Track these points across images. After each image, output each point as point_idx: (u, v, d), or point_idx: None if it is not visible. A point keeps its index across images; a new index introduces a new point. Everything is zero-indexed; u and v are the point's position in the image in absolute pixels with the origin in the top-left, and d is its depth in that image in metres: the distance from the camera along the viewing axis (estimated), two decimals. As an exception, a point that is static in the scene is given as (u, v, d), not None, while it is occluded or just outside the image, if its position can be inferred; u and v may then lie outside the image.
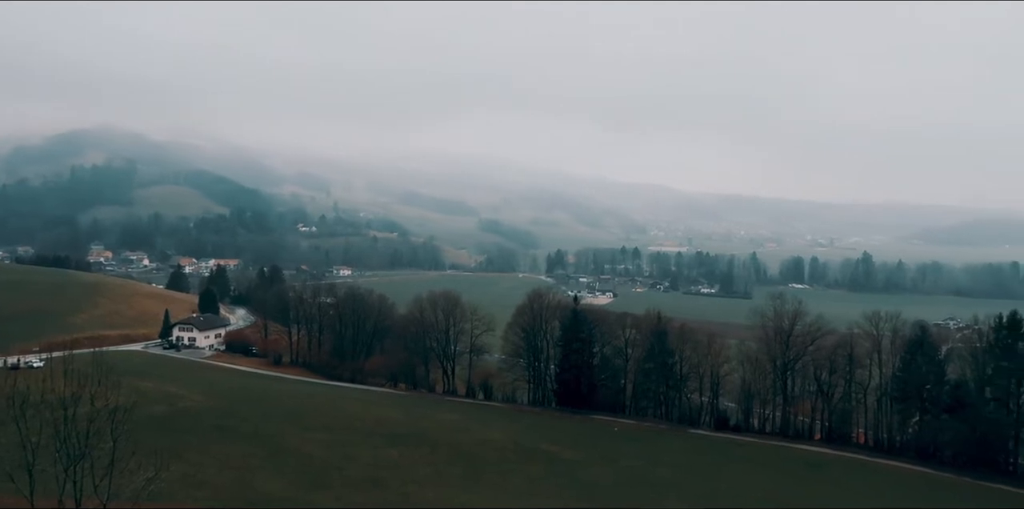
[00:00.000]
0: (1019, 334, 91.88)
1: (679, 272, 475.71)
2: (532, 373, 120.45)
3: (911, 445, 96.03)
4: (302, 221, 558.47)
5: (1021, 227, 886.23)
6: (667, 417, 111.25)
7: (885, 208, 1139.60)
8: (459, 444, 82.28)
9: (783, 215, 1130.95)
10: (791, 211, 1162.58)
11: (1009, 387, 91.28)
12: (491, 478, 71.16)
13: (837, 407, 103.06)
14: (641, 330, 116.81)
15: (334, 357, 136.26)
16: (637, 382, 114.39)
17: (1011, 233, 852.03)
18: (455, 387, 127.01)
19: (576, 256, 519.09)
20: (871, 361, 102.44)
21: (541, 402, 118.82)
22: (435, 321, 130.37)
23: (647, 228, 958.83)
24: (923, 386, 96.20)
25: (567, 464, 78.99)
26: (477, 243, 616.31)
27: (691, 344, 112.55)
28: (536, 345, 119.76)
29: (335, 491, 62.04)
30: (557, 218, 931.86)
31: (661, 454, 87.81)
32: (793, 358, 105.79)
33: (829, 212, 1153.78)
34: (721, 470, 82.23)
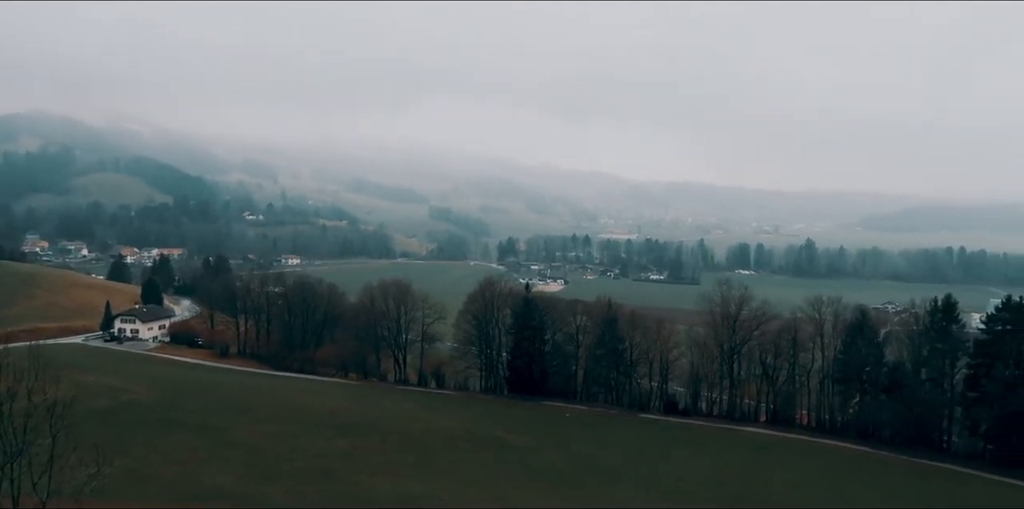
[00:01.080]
0: (953, 317, 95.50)
1: (629, 259, 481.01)
2: (484, 361, 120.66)
3: (852, 425, 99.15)
4: (249, 209, 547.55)
5: (955, 214, 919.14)
6: (618, 402, 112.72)
7: (828, 196, 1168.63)
8: (411, 433, 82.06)
9: (730, 203, 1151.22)
10: (738, 199, 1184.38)
11: (943, 368, 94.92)
12: (443, 466, 71.18)
13: (781, 390, 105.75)
14: (592, 317, 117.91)
15: (283, 347, 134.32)
16: (588, 368, 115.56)
17: (946, 220, 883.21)
18: (407, 376, 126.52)
19: (527, 244, 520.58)
20: (814, 344, 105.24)
21: (493, 389, 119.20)
22: (386, 310, 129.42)
23: (597, 216, 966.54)
24: (863, 368, 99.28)
25: (519, 450, 79.49)
26: (428, 231, 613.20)
27: (641, 330, 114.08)
28: (488, 333, 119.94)
29: (285, 483, 61.28)
30: (508, 206, 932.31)
31: (612, 439, 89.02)
32: (739, 343, 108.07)
33: (775, 200, 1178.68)
34: (670, 453, 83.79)
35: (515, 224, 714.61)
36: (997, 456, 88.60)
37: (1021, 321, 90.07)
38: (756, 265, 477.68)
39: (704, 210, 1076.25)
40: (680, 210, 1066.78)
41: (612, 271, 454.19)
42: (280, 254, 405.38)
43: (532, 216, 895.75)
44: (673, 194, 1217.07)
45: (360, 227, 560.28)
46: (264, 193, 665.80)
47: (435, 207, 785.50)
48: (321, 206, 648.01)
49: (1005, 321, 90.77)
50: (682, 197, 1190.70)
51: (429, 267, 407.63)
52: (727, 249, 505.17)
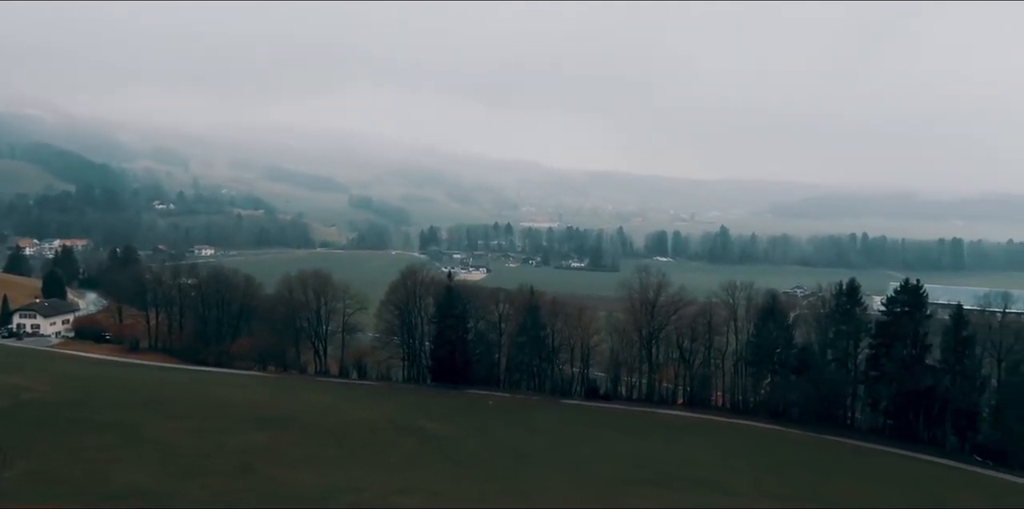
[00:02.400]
0: (856, 300, 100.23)
1: (550, 247, 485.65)
2: (407, 350, 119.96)
3: (763, 405, 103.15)
4: (159, 198, 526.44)
5: (859, 202, 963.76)
6: (540, 389, 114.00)
7: (741, 184, 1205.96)
8: (332, 425, 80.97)
9: (648, 191, 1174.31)
10: (656, 187, 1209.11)
11: (848, 349, 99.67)
12: (366, 457, 70.55)
13: (698, 373, 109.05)
14: (514, 305, 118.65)
15: (197, 341, 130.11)
16: (511, 355, 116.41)
17: (850, 207, 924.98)
18: (327, 367, 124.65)
19: (449, 232, 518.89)
20: (728, 328, 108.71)
21: (416, 379, 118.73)
22: (305, 300, 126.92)
23: (519, 204, 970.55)
24: (774, 350, 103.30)
25: (442, 439, 79.51)
26: (348, 220, 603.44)
27: (562, 317, 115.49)
28: (410, 322, 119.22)
29: (202, 480, 59.52)
30: (430, 194, 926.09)
31: (534, 425, 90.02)
32: (658, 328, 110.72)
33: (691, 188, 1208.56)
34: (591, 437, 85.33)
35: (437, 213, 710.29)
36: (896, 430, 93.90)
37: (917, 303, 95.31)
38: (673, 252, 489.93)
39: (623, 198, 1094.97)
40: (600, 198, 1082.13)
41: (534, 259, 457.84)
42: (193, 245, 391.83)
43: (454, 205, 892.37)
44: (594, 182, 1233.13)
45: (278, 216, 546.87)
46: (175, 181, 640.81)
47: (356, 196, 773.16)
48: (236, 195, 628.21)
49: (903, 303, 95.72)
50: (602, 185, 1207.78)
51: (350, 257, 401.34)
52: (645, 237, 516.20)
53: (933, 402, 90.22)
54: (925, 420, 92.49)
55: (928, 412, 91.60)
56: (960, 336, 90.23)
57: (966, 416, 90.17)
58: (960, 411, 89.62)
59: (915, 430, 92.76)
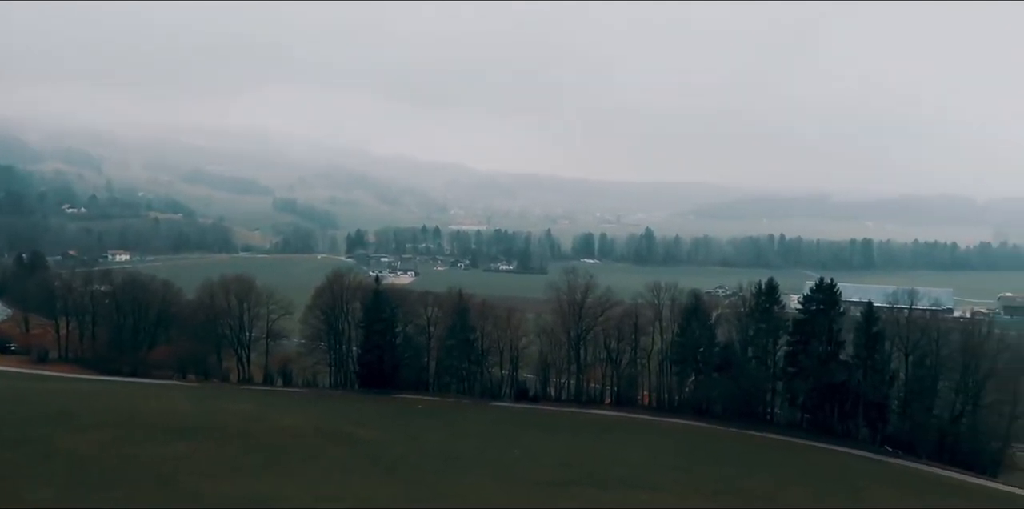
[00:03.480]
0: (774, 299, 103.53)
1: (479, 250, 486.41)
2: (334, 356, 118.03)
3: (688, 403, 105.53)
4: (68, 202, 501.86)
5: (777, 203, 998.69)
6: (469, 392, 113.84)
7: (665, 187, 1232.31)
8: (256, 433, 78.88)
9: (575, 193, 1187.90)
10: (583, 190, 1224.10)
11: (767, 346, 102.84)
12: (292, 465, 68.98)
13: (625, 372, 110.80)
14: (443, 308, 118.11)
15: (112, 350, 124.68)
16: (440, 359, 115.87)
17: (769, 209, 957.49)
18: (251, 375, 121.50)
19: (377, 236, 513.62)
20: (653, 328, 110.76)
21: (343, 385, 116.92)
22: (227, 306, 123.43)
23: (447, 207, 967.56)
24: (697, 349, 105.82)
25: (371, 444, 78.47)
26: (272, 224, 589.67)
27: (491, 320, 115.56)
28: (337, 327, 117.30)
29: (117, 492, 57.04)
30: (357, 197, 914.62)
31: (464, 428, 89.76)
32: (585, 329, 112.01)
33: (617, 190, 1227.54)
34: (520, 439, 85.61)
35: (364, 216, 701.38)
36: (812, 424, 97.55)
37: (831, 301, 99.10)
38: (600, 254, 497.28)
39: (551, 200, 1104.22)
40: (528, 201, 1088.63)
41: (463, 262, 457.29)
42: (107, 250, 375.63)
43: (382, 207, 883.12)
44: (522, 185, 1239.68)
45: (197, 220, 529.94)
46: (87, 184, 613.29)
47: (280, 198, 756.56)
48: (153, 198, 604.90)
49: (818, 301, 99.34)
50: (530, 188, 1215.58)
51: (274, 261, 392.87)
52: (573, 239, 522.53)
53: (846, 396, 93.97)
54: (839, 413, 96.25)
55: (842, 405, 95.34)
56: (871, 332, 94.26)
57: (877, 408, 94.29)
58: (871, 404, 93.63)
59: (830, 423, 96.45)
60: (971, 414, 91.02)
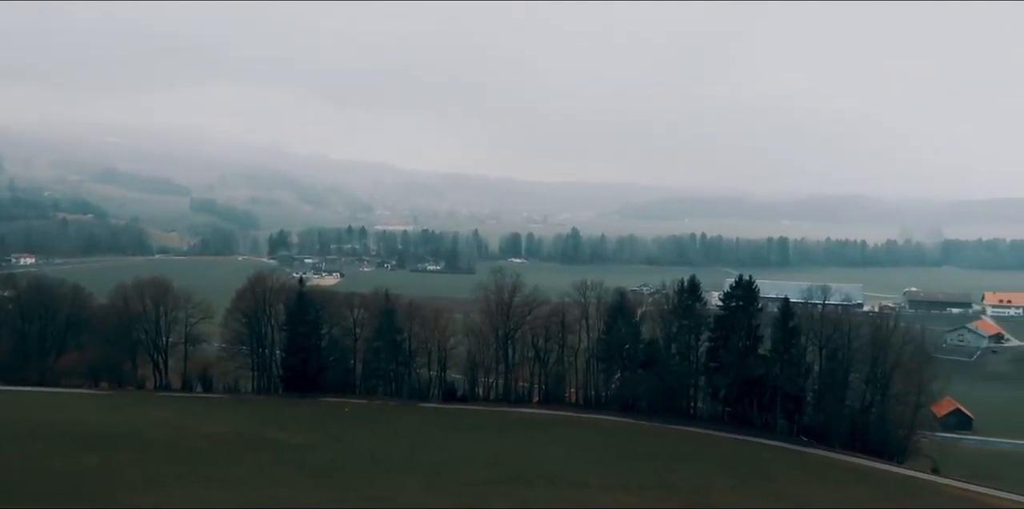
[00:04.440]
0: (696, 296, 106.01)
1: (406, 250, 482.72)
2: (256, 360, 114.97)
3: (614, 399, 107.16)
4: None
5: (699, 203, 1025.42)
6: (397, 393, 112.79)
7: (591, 187, 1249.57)
8: (175, 441, 76.31)
9: (503, 193, 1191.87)
10: (509, 189, 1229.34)
11: (690, 342, 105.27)
12: (213, 473, 66.95)
13: (552, 370, 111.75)
14: (369, 309, 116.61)
15: (15, 358, 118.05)
16: (366, 361, 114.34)
17: (691, 208, 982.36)
18: (169, 382, 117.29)
19: (300, 236, 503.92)
20: (580, 326, 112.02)
21: (267, 389, 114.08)
22: (143, 310, 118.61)
23: (373, 207, 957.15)
24: (623, 346, 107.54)
25: (296, 450, 76.89)
26: (190, 225, 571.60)
27: (419, 320, 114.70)
28: (260, 331, 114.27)
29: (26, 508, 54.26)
30: (279, 197, 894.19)
31: (392, 430, 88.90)
32: (513, 328, 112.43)
33: (543, 191, 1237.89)
34: (450, 440, 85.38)
35: (287, 216, 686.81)
36: (733, 417, 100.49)
37: (750, 297, 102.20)
38: (527, 253, 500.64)
39: (478, 200, 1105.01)
40: (456, 201, 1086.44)
41: (389, 263, 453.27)
42: (10, 253, 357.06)
43: (305, 208, 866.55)
44: (448, 184, 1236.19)
45: (110, 221, 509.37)
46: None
47: (198, 198, 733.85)
48: (61, 198, 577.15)
49: (738, 298, 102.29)
50: (457, 188, 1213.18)
51: (192, 263, 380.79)
52: (500, 238, 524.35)
53: (765, 389, 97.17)
54: (758, 406, 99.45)
55: (760, 398, 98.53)
56: (787, 327, 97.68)
57: (793, 400, 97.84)
58: (788, 396, 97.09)
59: (750, 416, 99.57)
60: (880, 404, 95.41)
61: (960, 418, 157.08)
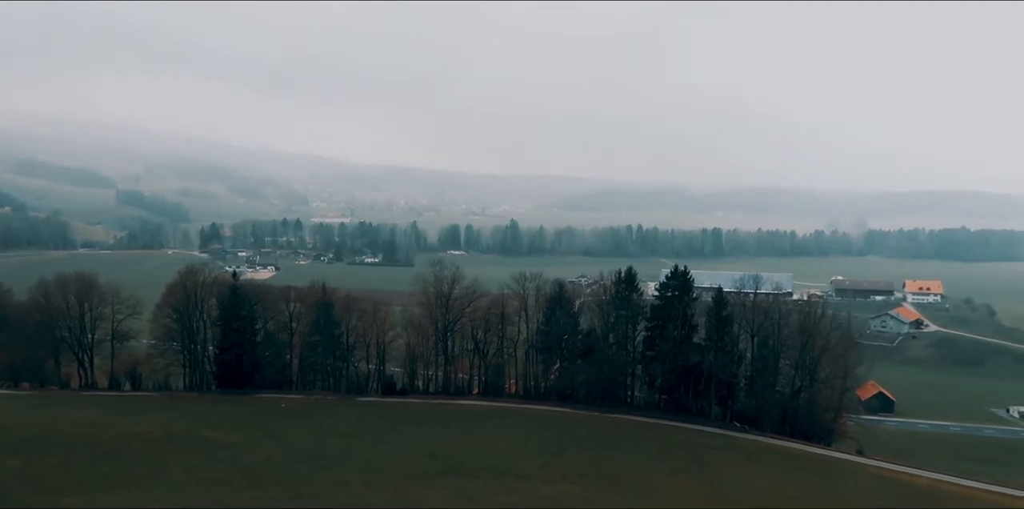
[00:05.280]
0: (633, 286, 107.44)
1: (343, 243, 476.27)
2: (188, 356, 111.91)
3: (553, 389, 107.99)
4: None
5: (635, 195, 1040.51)
6: (335, 388, 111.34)
7: (530, 179, 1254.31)
8: (101, 442, 73.78)
9: (441, 185, 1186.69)
10: (448, 182, 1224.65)
11: (627, 332, 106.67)
12: (142, 474, 64.98)
13: (492, 362, 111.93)
14: (306, 303, 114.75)
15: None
16: (303, 356, 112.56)
17: (629, 201, 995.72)
18: (95, 380, 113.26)
19: (233, 229, 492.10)
20: (519, 318, 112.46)
21: (199, 386, 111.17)
22: (66, 307, 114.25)
23: (309, 199, 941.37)
24: (562, 337, 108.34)
25: (230, 448, 75.21)
26: (116, 218, 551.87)
27: (357, 314, 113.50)
28: (191, 326, 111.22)
29: (-63, 518, 51.77)
30: (211, 189, 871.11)
31: (330, 426, 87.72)
32: (453, 320, 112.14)
33: (482, 182, 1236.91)
34: (389, 434, 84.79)
35: (219, 209, 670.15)
36: (669, 404, 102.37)
37: (685, 287, 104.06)
38: (466, 245, 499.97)
39: (416, 192, 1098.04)
40: (393, 193, 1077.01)
41: (326, 255, 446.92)
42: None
43: (239, 200, 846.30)
44: (386, 177, 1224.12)
45: (29, 214, 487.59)
46: None
47: (124, 191, 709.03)
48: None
49: (673, 288, 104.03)
50: (395, 180, 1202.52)
51: (119, 258, 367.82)
52: (439, 230, 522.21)
53: (699, 376, 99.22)
54: (693, 393, 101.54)
55: (695, 386, 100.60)
56: (720, 316, 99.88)
57: (727, 387, 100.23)
58: (722, 383, 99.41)
59: (685, 403, 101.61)
60: (808, 389, 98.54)
61: (883, 401, 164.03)
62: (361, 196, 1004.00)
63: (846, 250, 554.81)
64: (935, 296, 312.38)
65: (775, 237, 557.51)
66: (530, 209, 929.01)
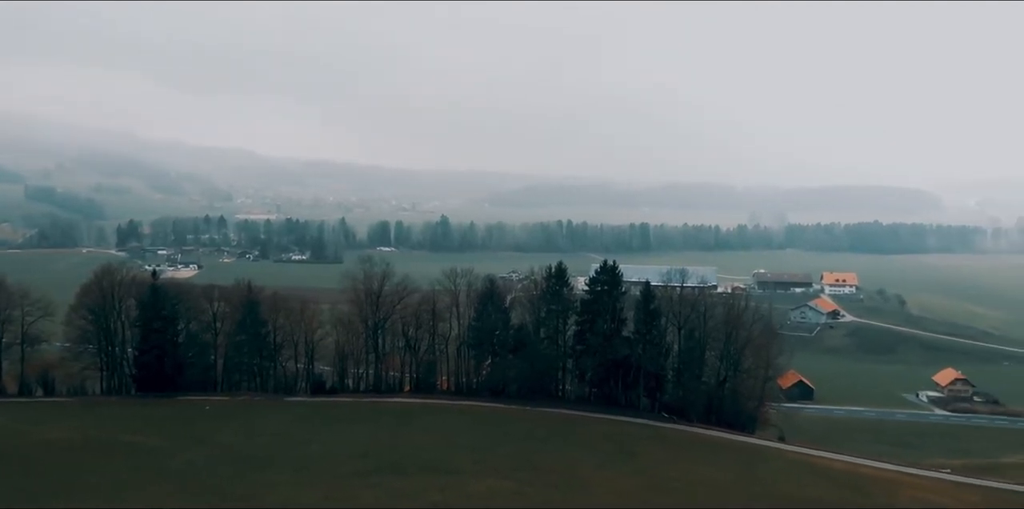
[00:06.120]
0: (564, 281, 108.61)
1: (269, 240, 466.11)
2: (106, 359, 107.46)
3: (485, 385, 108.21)
4: None
5: (565, 191, 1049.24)
6: (262, 388, 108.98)
7: (460, 175, 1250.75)
8: (12, 451, 70.37)
9: (370, 181, 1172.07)
10: (377, 177, 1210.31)
11: (558, 326, 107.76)
12: (59, 483, 62.25)
13: (423, 359, 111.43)
14: (231, 302, 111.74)
15: None
16: (228, 356, 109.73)
17: (559, 196, 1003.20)
18: (3, 386, 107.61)
19: (153, 227, 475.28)
20: (451, 314, 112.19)
21: (118, 390, 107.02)
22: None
23: (233, 195, 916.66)
24: (493, 332, 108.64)
25: (153, 453, 72.76)
26: (24, 215, 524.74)
27: (284, 312, 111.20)
28: (108, 327, 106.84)
29: None
30: (128, 185, 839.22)
31: (257, 427, 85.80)
32: (383, 317, 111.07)
33: (412, 178, 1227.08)
34: (319, 433, 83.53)
35: (137, 205, 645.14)
36: (599, 397, 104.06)
37: (614, 281, 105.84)
38: (396, 242, 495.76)
39: (344, 188, 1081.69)
40: (321, 188, 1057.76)
41: (251, 253, 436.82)
42: None
43: (158, 196, 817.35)
44: (312, 172, 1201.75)
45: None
46: None
47: (33, 186, 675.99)
48: None
49: (603, 282, 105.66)
50: (322, 175, 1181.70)
51: (28, 257, 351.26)
52: (368, 227, 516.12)
53: (629, 369, 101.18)
54: (622, 385, 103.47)
55: (625, 378, 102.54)
56: (648, 309, 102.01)
57: (655, 379, 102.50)
58: (650, 375, 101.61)
59: (615, 395, 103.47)
60: (733, 379, 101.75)
61: (803, 389, 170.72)
62: (288, 192, 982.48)
63: (767, 244, 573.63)
64: (850, 287, 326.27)
65: (700, 232, 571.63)
66: (461, 205, 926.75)
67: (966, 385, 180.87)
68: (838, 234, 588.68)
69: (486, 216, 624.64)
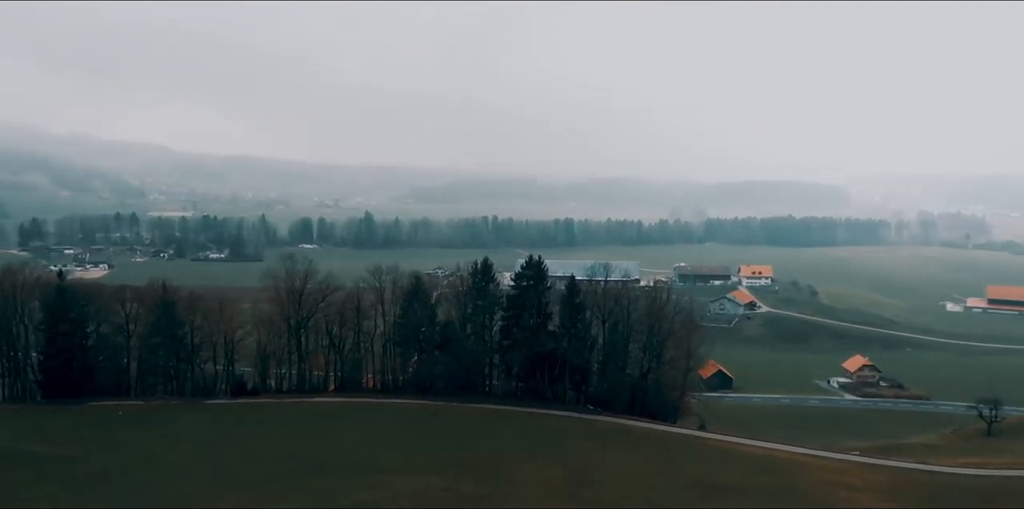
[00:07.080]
0: (490, 277, 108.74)
1: (185, 238, 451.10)
2: (7, 365, 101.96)
3: (412, 382, 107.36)
4: None
5: (491, 186, 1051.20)
6: (180, 392, 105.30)
7: (383, 170, 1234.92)
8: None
9: (291, 177, 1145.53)
10: (298, 173, 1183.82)
11: (484, 322, 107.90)
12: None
13: (348, 357, 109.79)
14: (144, 303, 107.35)
15: None
16: (142, 359, 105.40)
17: (484, 191, 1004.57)
18: None
19: (58, 225, 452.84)
20: (376, 311, 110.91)
21: (22, 397, 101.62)
22: None
23: (146, 192, 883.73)
24: (420, 329, 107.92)
25: (61, 461, 69.40)
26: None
27: (202, 312, 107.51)
28: (10, 331, 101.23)
29: None
30: (29, 181, 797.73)
31: (174, 431, 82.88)
32: (306, 316, 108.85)
33: (333, 174, 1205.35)
34: (240, 436, 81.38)
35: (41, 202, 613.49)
36: (526, 391, 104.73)
37: (540, 277, 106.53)
38: (319, 239, 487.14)
39: (264, 184, 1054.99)
40: (240, 185, 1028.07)
41: (166, 252, 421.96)
42: None
43: (63, 193, 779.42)
44: (230, 168, 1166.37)
45: None
46: None
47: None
48: None
49: (528, 277, 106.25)
50: (240, 171, 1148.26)
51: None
52: (290, 224, 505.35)
53: (555, 363, 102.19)
54: (549, 379, 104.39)
55: (551, 372, 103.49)
56: (573, 303, 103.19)
57: (580, 372, 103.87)
58: (576, 368, 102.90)
59: (541, 389, 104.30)
60: (655, 370, 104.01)
61: (722, 378, 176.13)
62: (204, 188, 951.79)
63: (688, 238, 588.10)
64: (766, 279, 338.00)
65: (623, 226, 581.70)
66: (385, 201, 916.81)
67: (873, 371, 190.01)
68: (754, 228, 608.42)
69: (411, 212, 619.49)
